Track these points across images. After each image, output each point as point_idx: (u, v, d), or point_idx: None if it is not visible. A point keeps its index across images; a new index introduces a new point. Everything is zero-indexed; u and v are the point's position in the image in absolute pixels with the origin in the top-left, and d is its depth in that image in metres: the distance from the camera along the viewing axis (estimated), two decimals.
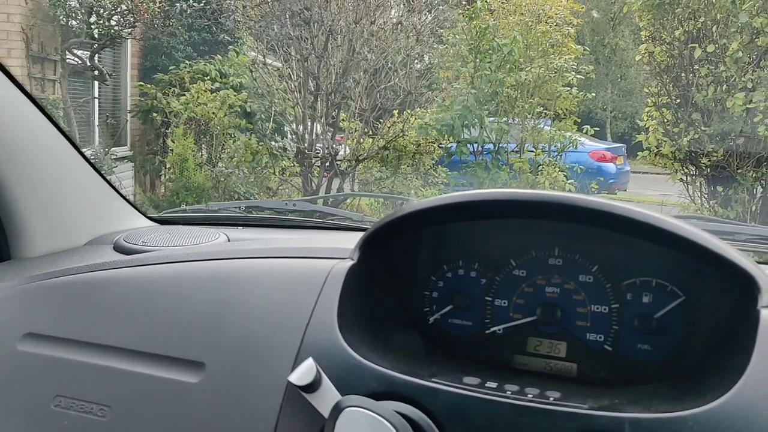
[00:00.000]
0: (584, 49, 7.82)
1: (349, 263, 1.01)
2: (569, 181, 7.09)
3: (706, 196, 6.81)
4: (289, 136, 8.11)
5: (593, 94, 7.98)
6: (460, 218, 1.02)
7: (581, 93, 7.37)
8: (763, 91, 5.75)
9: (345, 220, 1.62)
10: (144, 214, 1.64)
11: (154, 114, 7.41)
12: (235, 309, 1.02)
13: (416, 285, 1.07)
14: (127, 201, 1.60)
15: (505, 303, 1.02)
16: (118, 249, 1.40)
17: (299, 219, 1.62)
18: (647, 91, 7.09)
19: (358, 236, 1.49)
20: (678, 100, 6.74)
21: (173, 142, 6.85)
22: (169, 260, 1.17)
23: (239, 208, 1.72)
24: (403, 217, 0.98)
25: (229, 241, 1.43)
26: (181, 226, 1.59)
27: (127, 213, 1.60)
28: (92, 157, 6.92)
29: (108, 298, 1.13)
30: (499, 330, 1.01)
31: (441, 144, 7.31)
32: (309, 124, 7.33)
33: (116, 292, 1.13)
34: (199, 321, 1.03)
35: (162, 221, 1.66)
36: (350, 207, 7.66)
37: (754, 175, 5.98)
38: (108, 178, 1.55)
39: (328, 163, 7.34)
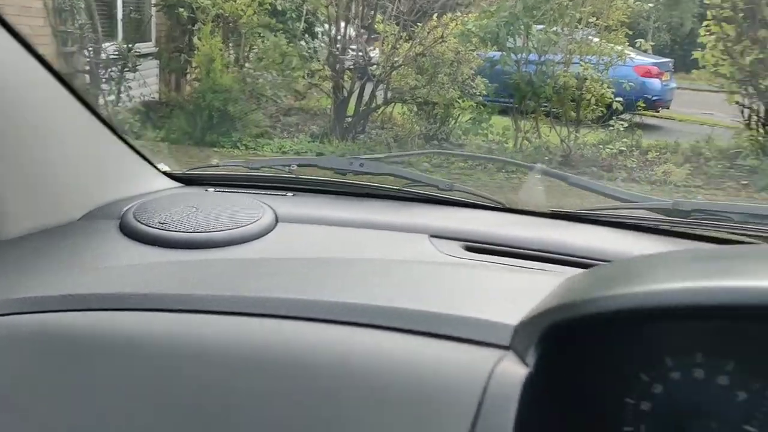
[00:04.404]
0: None
1: (519, 369, 0.63)
2: (617, 99, 6.65)
3: (762, 121, 6.40)
4: (320, 37, 7.69)
5: (651, 5, 7.39)
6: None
7: (638, 2, 6.80)
8: None
9: (429, 189, 1.23)
10: (165, 173, 1.30)
11: (180, 9, 6.98)
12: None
13: (614, 390, 0.65)
14: (140, 154, 1.24)
15: None
16: (126, 230, 1.05)
17: (365, 185, 1.27)
18: (708, 2, 6.53)
19: (450, 212, 1.18)
20: (742, 14, 6.21)
21: (200, 41, 6.49)
22: (211, 308, 0.78)
23: (289, 166, 1.32)
24: (632, 309, 0.60)
25: (277, 221, 1.10)
26: (211, 190, 1.27)
27: (140, 170, 1.25)
28: (115, 53, 6.60)
29: (113, 364, 0.73)
30: None
31: (481, 53, 6.86)
32: (342, 25, 6.90)
33: (124, 354, 0.74)
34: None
35: (188, 180, 1.32)
36: (381, 117, 7.35)
37: None
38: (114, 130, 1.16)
39: (360, 68, 6.97)
